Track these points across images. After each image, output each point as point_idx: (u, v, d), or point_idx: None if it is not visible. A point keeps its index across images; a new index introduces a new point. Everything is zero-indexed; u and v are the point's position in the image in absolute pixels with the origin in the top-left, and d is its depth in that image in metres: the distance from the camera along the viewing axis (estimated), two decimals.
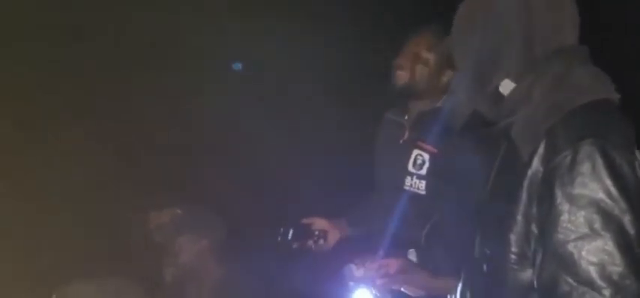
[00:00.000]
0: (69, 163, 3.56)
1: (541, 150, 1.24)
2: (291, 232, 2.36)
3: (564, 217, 1.17)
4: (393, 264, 2.05)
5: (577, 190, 1.17)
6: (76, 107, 3.73)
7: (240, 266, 2.80)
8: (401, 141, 2.33)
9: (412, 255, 2.21)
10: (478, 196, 1.47)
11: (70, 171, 3.53)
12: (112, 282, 2.63)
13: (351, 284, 2.12)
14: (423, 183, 2.23)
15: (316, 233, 2.39)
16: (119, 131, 3.77)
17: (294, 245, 2.38)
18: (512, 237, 1.27)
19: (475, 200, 1.49)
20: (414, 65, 2.26)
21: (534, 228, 1.24)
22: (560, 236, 1.17)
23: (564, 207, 1.18)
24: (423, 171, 2.24)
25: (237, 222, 3.18)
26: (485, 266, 1.35)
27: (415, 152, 2.26)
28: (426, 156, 2.24)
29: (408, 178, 2.26)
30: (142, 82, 3.78)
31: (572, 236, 1.16)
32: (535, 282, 1.25)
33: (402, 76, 2.28)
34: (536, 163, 1.24)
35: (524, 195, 1.25)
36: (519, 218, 1.26)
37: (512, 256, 1.28)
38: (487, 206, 1.42)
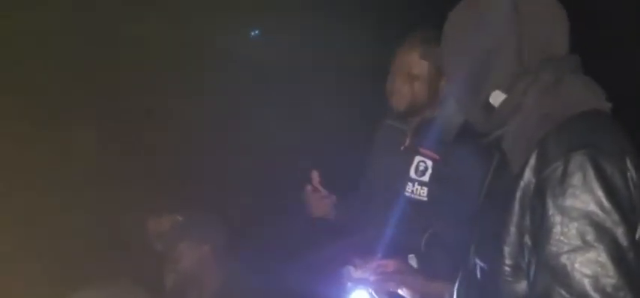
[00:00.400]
0: (69, 163, 3.57)
1: (532, 161, 1.23)
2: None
3: (557, 229, 1.16)
4: (391, 264, 2.05)
5: (568, 202, 1.16)
6: (76, 107, 3.73)
7: (240, 267, 2.79)
8: (402, 148, 2.30)
9: (412, 261, 2.19)
10: (477, 205, 1.46)
11: (71, 171, 3.53)
12: (121, 286, 2.61)
13: (349, 285, 2.12)
14: (425, 189, 2.21)
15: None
16: (119, 131, 3.78)
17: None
18: (506, 249, 1.27)
19: (474, 208, 1.48)
20: (410, 85, 2.20)
21: (528, 240, 1.23)
22: (553, 249, 1.17)
23: (556, 218, 1.17)
24: (426, 178, 2.21)
25: (237, 222, 3.18)
26: (479, 278, 1.35)
27: (417, 158, 2.23)
28: (429, 163, 2.21)
29: (410, 184, 2.23)
30: (142, 82, 3.78)
31: (565, 249, 1.15)
32: (529, 294, 1.24)
33: (400, 101, 2.22)
34: (528, 174, 1.23)
35: (516, 207, 1.25)
36: (512, 229, 1.25)
37: (507, 268, 1.27)
38: (481, 217, 1.41)
